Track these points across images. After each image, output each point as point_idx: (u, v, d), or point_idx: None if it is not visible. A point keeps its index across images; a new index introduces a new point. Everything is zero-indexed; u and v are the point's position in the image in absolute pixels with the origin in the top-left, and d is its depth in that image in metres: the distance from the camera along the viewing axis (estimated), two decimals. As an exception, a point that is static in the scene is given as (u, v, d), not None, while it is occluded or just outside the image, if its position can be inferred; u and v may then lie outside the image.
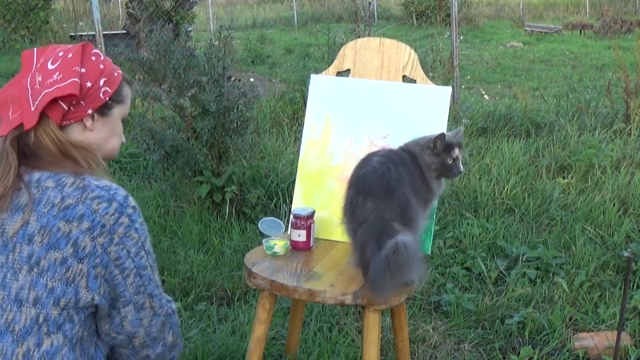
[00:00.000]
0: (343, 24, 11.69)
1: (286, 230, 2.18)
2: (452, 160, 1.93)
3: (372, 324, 1.82)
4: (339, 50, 2.36)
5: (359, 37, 5.28)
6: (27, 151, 1.44)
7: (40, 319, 1.34)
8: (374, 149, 2.04)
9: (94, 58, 1.52)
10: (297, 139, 4.93)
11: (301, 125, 3.40)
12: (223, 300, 3.04)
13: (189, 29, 9.00)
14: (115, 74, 1.55)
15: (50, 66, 1.46)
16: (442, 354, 2.62)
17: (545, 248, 3.36)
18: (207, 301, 3.01)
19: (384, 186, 1.79)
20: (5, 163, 1.42)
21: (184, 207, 3.92)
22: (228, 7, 22.55)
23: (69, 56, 1.48)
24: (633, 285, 3.04)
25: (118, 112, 1.56)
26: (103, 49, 6.19)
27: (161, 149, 3.74)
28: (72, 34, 11.32)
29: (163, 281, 1.99)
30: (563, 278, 3.11)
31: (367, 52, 2.29)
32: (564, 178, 4.39)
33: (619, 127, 5.29)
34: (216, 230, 3.66)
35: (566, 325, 2.78)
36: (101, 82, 1.50)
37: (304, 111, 2.41)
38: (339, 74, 2.30)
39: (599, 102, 6.05)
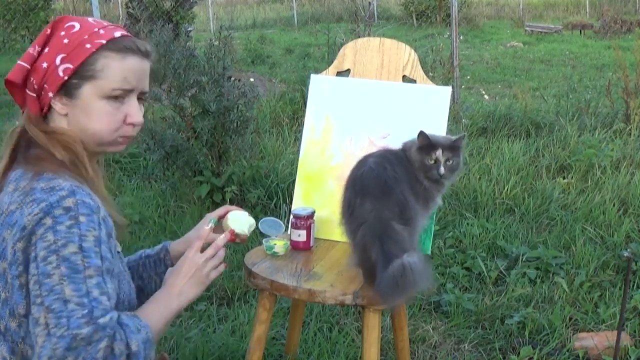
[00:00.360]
0: (343, 24, 11.69)
1: (286, 230, 2.18)
2: (432, 161, 1.87)
3: (372, 324, 1.82)
4: (339, 50, 2.36)
5: (359, 37, 5.28)
6: (22, 144, 1.37)
7: (2, 329, 1.28)
8: (374, 149, 2.04)
9: (62, 32, 1.35)
10: (297, 139, 4.93)
11: (301, 125, 3.39)
12: (223, 300, 3.04)
13: (189, 29, 8.99)
14: (87, 46, 1.33)
15: (31, 50, 1.37)
16: (442, 354, 2.61)
17: (545, 248, 3.36)
18: (207, 301, 3.01)
19: (381, 186, 1.79)
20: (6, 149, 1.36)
21: (184, 207, 3.92)
22: (228, 7, 22.54)
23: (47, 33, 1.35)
24: (633, 285, 3.04)
25: (90, 90, 1.34)
26: (103, 49, 6.17)
27: (161, 149, 3.75)
28: (72, 34, 11.31)
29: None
30: (563, 278, 3.11)
31: (367, 52, 2.29)
32: (564, 178, 4.39)
33: (619, 127, 5.29)
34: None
35: (566, 325, 2.78)
36: (58, 60, 1.32)
37: (304, 111, 2.41)
38: (339, 74, 2.30)
39: (599, 102, 6.05)
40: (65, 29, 1.35)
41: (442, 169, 1.87)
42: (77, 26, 1.36)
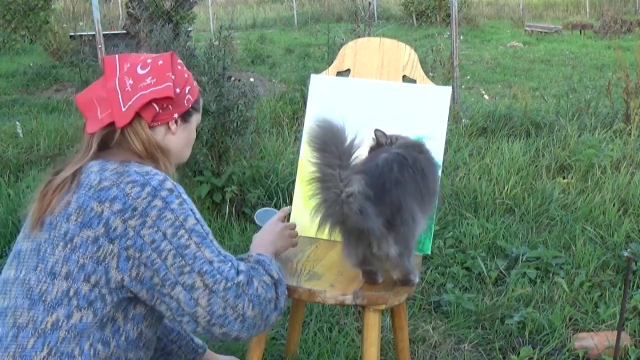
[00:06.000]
0: (343, 24, 11.70)
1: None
2: None
3: (372, 324, 1.82)
4: (339, 50, 2.36)
5: (359, 37, 5.28)
6: (102, 148, 1.53)
7: (71, 293, 1.40)
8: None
9: (179, 67, 1.62)
10: (297, 139, 4.93)
11: (301, 125, 3.40)
12: (223, 300, 3.04)
13: (189, 29, 8.99)
14: (195, 84, 1.68)
15: (140, 71, 1.55)
16: (442, 354, 2.62)
17: (545, 248, 3.36)
18: (207, 301, 3.01)
19: (378, 186, 1.70)
20: (84, 153, 1.52)
21: (184, 207, 3.91)
22: (228, 7, 22.54)
23: (159, 62, 1.57)
24: (633, 285, 3.04)
25: (195, 120, 1.68)
26: (103, 49, 6.19)
27: (161, 148, 3.74)
28: (72, 34, 11.33)
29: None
30: (563, 278, 3.11)
31: (367, 52, 2.29)
32: (564, 178, 4.39)
33: (619, 127, 5.29)
34: (216, 230, 3.66)
35: (566, 325, 2.78)
36: (187, 90, 1.62)
37: (304, 111, 2.41)
38: (339, 74, 2.30)
39: (599, 102, 6.05)
40: (180, 64, 1.63)
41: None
42: (184, 65, 1.65)
